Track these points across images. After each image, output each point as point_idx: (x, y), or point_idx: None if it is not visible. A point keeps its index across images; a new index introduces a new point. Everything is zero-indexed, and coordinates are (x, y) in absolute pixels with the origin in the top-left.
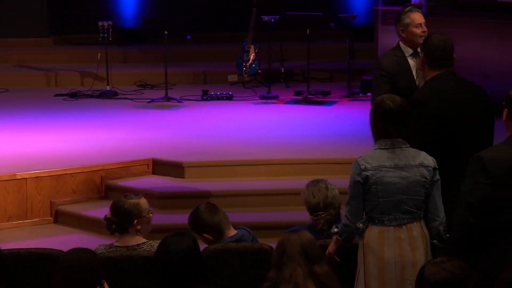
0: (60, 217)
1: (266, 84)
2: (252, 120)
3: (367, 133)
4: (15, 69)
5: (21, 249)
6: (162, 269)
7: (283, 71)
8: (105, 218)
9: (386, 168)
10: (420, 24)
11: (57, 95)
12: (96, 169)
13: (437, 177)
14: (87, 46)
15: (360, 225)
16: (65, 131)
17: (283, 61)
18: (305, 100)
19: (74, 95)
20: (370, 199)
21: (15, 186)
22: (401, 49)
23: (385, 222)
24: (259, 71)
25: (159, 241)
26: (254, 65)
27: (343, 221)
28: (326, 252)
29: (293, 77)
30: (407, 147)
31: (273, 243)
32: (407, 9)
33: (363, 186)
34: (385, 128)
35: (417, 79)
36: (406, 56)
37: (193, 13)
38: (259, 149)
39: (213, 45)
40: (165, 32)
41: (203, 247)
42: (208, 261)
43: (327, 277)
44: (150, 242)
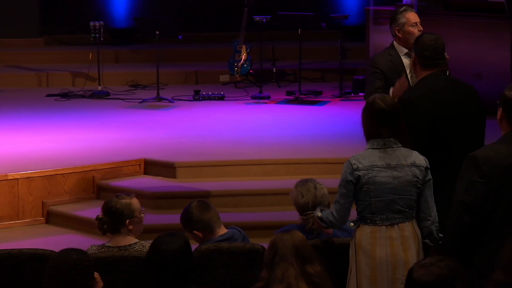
0: (52, 218)
1: (257, 84)
2: (244, 120)
3: (359, 133)
4: (6, 69)
5: (12, 249)
6: (154, 269)
7: (274, 71)
8: (97, 218)
9: (378, 168)
10: (415, 23)
11: (48, 95)
12: (88, 169)
13: (429, 176)
14: (78, 46)
15: (352, 224)
16: (57, 131)
17: (274, 61)
18: (296, 100)
19: (65, 95)
20: (362, 199)
21: (6, 187)
22: (395, 49)
23: (377, 222)
24: (251, 71)
25: (151, 241)
26: (245, 65)
27: (330, 218)
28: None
29: (284, 77)
30: (399, 146)
31: (265, 243)
32: (402, 8)
33: (355, 186)
34: (376, 128)
35: (410, 79)
36: (401, 55)
37: (184, 13)
38: (251, 149)
39: (204, 45)
40: (157, 32)
41: (194, 247)
42: (200, 261)
43: (319, 276)
44: (142, 242)
